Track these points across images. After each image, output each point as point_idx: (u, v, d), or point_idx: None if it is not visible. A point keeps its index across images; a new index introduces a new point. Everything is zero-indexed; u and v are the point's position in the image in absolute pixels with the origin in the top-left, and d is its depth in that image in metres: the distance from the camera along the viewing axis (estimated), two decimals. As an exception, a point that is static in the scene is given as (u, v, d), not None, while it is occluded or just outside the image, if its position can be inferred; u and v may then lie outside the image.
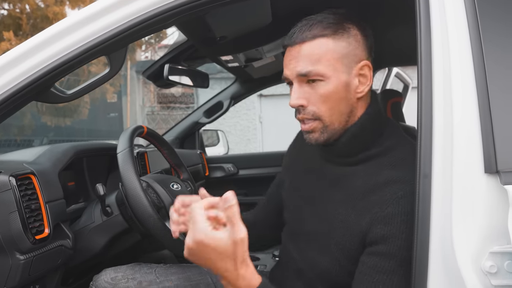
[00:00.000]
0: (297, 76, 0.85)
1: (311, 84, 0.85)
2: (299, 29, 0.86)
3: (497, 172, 0.63)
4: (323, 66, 0.84)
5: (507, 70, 0.67)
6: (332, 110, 0.86)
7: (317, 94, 0.85)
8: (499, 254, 0.63)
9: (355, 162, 0.90)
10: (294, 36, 0.86)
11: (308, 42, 0.84)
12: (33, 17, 6.99)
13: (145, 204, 1.01)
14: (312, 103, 0.86)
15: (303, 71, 0.83)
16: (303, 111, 0.87)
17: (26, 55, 0.90)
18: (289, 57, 0.86)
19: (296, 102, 0.86)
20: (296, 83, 0.86)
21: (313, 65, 0.83)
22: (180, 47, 1.62)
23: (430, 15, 0.73)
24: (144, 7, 0.89)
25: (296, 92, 0.86)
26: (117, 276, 1.00)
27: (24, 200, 0.92)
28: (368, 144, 0.89)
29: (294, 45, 0.85)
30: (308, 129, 0.87)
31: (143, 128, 1.22)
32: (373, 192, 0.83)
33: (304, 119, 0.87)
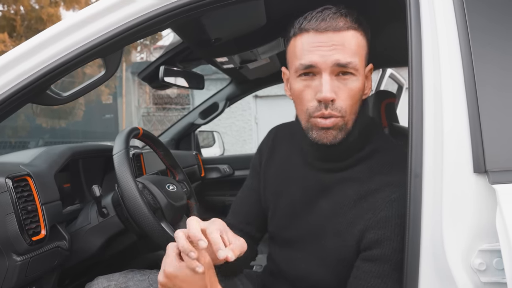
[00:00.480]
0: (332, 66, 0.78)
1: (342, 77, 0.80)
2: (328, 16, 0.78)
3: (485, 172, 0.65)
4: (358, 60, 0.80)
5: (496, 71, 0.69)
6: (352, 108, 0.82)
7: (347, 89, 0.80)
8: (488, 252, 0.64)
9: (344, 168, 0.88)
10: (324, 22, 0.78)
11: (343, 32, 0.78)
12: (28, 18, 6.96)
13: (141, 205, 1.02)
14: (340, 98, 0.80)
15: (343, 61, 0.77)
16: (331, 106, 0.79)
17: (22, 58, 0.91)
18: (316, 44, 0.78)
19: (331, 95, 0.78)
20: (327, 74, 0.78)
21: (352, 57, 0.78)
22: (175, 49, 1.63)
23: (420, 17, 0.74)
24: (139, 9, 0.90)
25: (329, 84, 0.78)
26: (110, 285, 0.98)
27: (21, 201, 0.92)
28: (359, 148, 0.88)
29: (326, 32, 0.78)
30: (330, 125, 0.80)
31: (139, 130, 1.23)
32: (365, 199, 0.83)
33: (330, 115, 0.80)
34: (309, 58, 0.79)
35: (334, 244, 0.85)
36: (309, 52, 0.79)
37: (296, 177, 0.96)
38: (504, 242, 0.59)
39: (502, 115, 0.67)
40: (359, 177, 0.86)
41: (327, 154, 0.88)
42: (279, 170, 1.01)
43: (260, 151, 1.09)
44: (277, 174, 1.01)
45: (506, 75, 0.68)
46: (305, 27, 0.80)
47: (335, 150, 0.86)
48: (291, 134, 1.04)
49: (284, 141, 1.05)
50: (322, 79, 0.78)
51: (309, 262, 0.90)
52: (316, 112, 0.80)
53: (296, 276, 0.94)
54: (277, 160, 1.03)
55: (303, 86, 0.82)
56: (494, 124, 0.66)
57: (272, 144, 1.06)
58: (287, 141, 1.04)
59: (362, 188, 0.85)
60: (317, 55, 0.78)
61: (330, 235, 0.86)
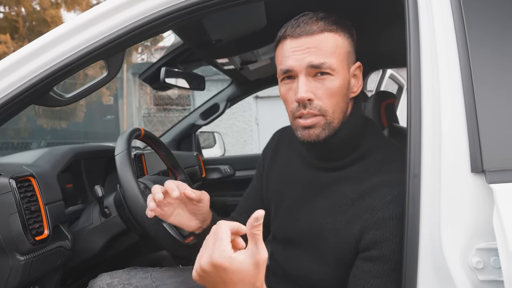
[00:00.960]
0: (306, 68, 0.82)
1: (319, 77, 0.83)
2: (303, 22, 0.83)
3: (483, 172, 0.66)
4: (334, 60, 0.83)
5: (493, 72, 0.70)
6: (336, 106, 0.84)
7: (325, 89, 0.83)
8: (486, 250, 0.65)
9: (341, 167, 0.90)
10: (298, 28, 0.83)
11: (317, 35, 0.82)
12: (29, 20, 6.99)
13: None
14: (319, 97, 0.83)
15: (316, 63, 0.81)
16: (309, 106, 0.83)
17: (25, 60, 0.92)
18: (292, 49, 0.83)
19: (307, 95, 0.82)
20: (304, 76, 0.83)
21: (325, 58, 0.81)
22: (176, 50, 1.64)
23: (418, 19, 0.75)
24: (141, 12, 0.91)
25: (304, 85, 0.82)
26: (113, 281, 1.00)
27: (24, 202, 0.93)
28: (354, 147, 0.90)
29: (299, 37, 0.83)
30: (310, 124, 0.84)
31: (141, 131, 1.24)
32: (362, 198, 0.84)
33: (309, 115, 0.84)
34: (287, 63, 0.84)
35: (333, 242, 0.86)
36: (287, 58, 0.84)
37: (297, 177, 0.98)
38: (501, 241, 0.60)
39: (499, 115, 0.68)
40: (356, 176, 0.88)
41: (319, 152, 0.91)
42: (281, 171, 1.03)
43: (264, 153, 1.12)
44: (279, 175, 1.03)
45: (503, 76, 0.69)
46: (284, 35, 0.86)
47: (325, 148, 0.89)
48: (292, 136, 1.06)
49: (286, 143, 1.07)
50: (299, 81, 0.83)
51: (310, 261, 0.91)
52: (296, 112, 0.85)
53: (298, 275, 0.95)
54: (280, 161, 1.05)
55: (286, 89, 0.87)
56: (491, 124, 0.67)
57: (276, 147, 1.09)
58: (289, 143, 1.06)
59: (359, 188, 0.86)
60: (293, 59, 0.83)
61: (329, 233, 0.87)
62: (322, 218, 0.89)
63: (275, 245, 1.05)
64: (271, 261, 1.10)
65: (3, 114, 0.94)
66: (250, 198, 1.13)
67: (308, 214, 0.93)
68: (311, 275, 0.91)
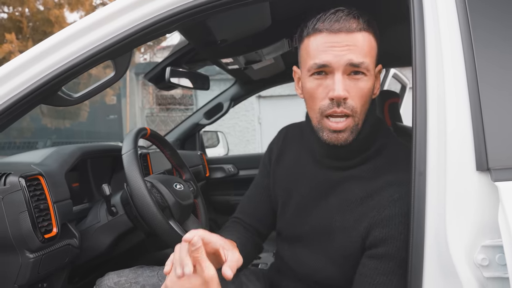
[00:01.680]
0: (345, 65, 0.80)
1: (354, 77, 0.82)
2: (342, 18, 0.81)
3: (488, 170, 0.67)
4: (370, 60, 0.82)
5: (497, 71, 0.70)
6: (363, 107, 0.84)
7: (358, 89, 0.82)
8: (491, 247, 0.66)
9: (352, 166, 0.90)
10: (338, 23, 0.80)
11: (356, 33, 0.81)
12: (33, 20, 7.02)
13: (150, 203, 1.04)
14: (352, 97, 0.82)
15: (356, 61, 0.80)
16: (343, 105, 0.82)
17: (34, 60, 0.93)
18: (330, 44, 0.81)
19: (344, 94, 0.80)
20: (340, 73, 0.81)
21: (364, 57, 0.81)
22: (181, 50, 1.65)
23: (424, 19, 0.76)
24: (148, 13, 0.92)
25: (341, 83, 0.80)
26: (120, 280, 1.01)
27: (33, 200, 0.95)
28: (366, 146, 0.90)
29: (339, 32, 0.80)
30: (342, 128, 0.83)
31: (147, 130, 1.25)
32: (371, 197, 0.85)
33: (342, 113, 0.82)
34: (323, 57, 0.81)
35: (341, 240, 0.87)
36: (323, 52, 0.81)
37: (306, 175, 0.98)
38: (506, 238, 0.61)
39: (504, 113, 0.68)
40: (366, 175, 0.89)
41: (336, 153, 0.90)
42: (289, 168, 1.03)
43: (270, 149, 1.12)
44: (287, 172, 1.03)
45: (508, 75, 0.69)
46: (319, 28, 0.82)
47: (345, 150, 0.88)
48: (301, 133, 1.06)
49: (294, 140, 1.07)
50: (335, 78, 0.81)
51: (316, 258, 0.92)
52: (328, 110, 0.83)
53: (304, 272, 0.95)
54: (287, 158, 1.05)
55: (316, 85, 0.84)
56: (496, 122, 0.68)
57: (283, 143, 1.09)
58: (298, 141, 1.06)
59: (369, 186, 0.87)
60: (331, 54, 0.81)
61: (337, 231, 0.88)
62: (331, 216, 0.90)
63: (280, 242, 1.06)
64: (276, 259, 1.11)
65: (13, 113, 0.95)
66: (256, 197, 1.12)
67: (317, 211, 0.93)
68: (318, 272, 0.92)
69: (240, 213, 1.13)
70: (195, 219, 1.31)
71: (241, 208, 1.14)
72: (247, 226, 1.11)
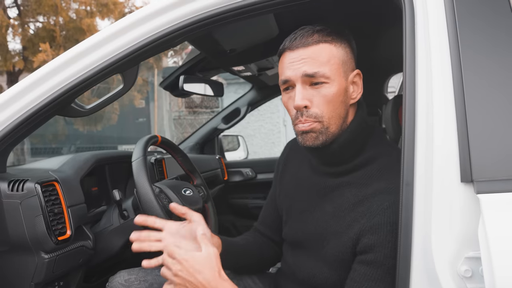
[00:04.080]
0: (302, 77, 0.87)
1: (315, 86, 0.87)
2: (300, 35, 0.89)
3: (472, 181, 0.67)
4: (328, 69, 0.87)
5: (484, 88, 0.71)
6: (333, 113, 0.88)
7: (321, 96, 0.87)
8: (474, 259, 0.66)
9: (345, 172, 0.93)
10: (295, 41, 0.88)
11: (312, 46, 0.87)
12: (66, 29, 7.36)
13: (156, 208, 1.09)
14: (315, 105, 0.88)
15: (310, 72, 0.86)
16: (306, 113, 0.88)
17: (50, 74, 1.00)
18: (290, 60, 0.89)
19: (302, 103, 0.86)
20: (300, 85, 0.87)
21: (319, 67, 0.86)
22: (195, 59, 1.71)
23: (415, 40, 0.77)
24: (153, 28, 0.97)
25: (300, 93, 0.87)
26: (130, 278, 1.07)
27: (48, 204, 1.02)
28: (356, 153, 0.92)
29: (297, 49, 0.88)
30: (307, 128, 0.88)
31: (157, 137, 1.31)
32: (362, 203, 0.87)
33: (306, 122, 0.88)
34: (286, 73, 0.90)
35: (335, 245, 0.89)
36: (286, 69, 0.90)
37: (305, 182, 1.02)
38: (484, 251, 0.61)
39: (488, 127, 0.68)
40: (358, 182, 0.91)
41: (322, 158, 0.95)
42: (292, 177, 1.08)
43: (278, 163, 1.18)
44: (290, 181, 1.08)
45: (494, 93, 0.70)
46: (283, 48, 0.92)
47: (327, 154, 0.92)
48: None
49: (298, 151, 1.12)
50: (296, 90, 0.88)
51: (314, 262, 0.95)
52: (296, 119, 0.90)
53: (303, 276, 0.98)
54: (291, 168, 1.10)
55: (287, 98, 0.93)
56: (480, 137, 0.68)
57: (288, 154, 1.15)
58: (301, 151, 1.11)
59: (360, 193, 0.89)
60: (290, 70, 0.89)
61: (331, 236, 0.91)
62: (326, 221, 0.93)
63: (285, 248, 1.10)
64: (281, 264, 1.14)
65: (32, 123, 1.03)
66: (268, 208, 1.19)
67: (313, 217, 0.97)
68: (315, 276, 0.95)
69: (258, 222, 1.22)
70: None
71: (260, 217, 1.23)
72: (263, 234, 1.19)
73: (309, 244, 0.97)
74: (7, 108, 0.99)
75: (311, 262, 0.96)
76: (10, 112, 0.99)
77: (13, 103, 1.00)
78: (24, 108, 1.00)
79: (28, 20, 7.75)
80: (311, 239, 0.96)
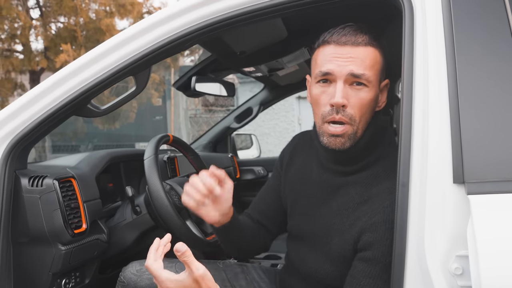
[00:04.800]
0: (347, 75, 0.86)
1: (355, 87, 0.88)
2: (348, 32, 0.88)
3: (463, 183, 0.69)
4: (372, 73, 0.88)
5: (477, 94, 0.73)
6: (362, 117, 0.89)
7: (358, 98, 0.88)
8: (464, 257, 0.68)
9: (353, 172, 0.95)
10: (344, 37, 0.87)
11: (361, 47, 0.87)
12: (86, 29, 7.55)
13: (167, 204, 1.15)
14: (351, 106, 0.87)
15: (357, 72, 0.86)
16: (342, 112, 0.87)
17: (67, 78, 1.06)
18: (335, 55, 0.87)
19: (343, 101, 0.86)
20: (341, 82, 0.87)
21: (365, 70, 0.87)
22: (206, 60, 1.75)
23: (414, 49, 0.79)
24: (165, 33, 1.02)
25: (342, 91, 0.86)
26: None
27: (65, 199, 1.09)
28: (368, 154, 0.94)
29: (345, 45, 0.87)
30: (340, 132, 0.88)
31: (169, 137, 1.36)
32: (365, 202, 0.90)
33: (341, 121, 0.88)
34: (328, 66, 0.88)
35: (338, 242, 0.92)
36: (328, 62, 0.88)
37: (312, 178, 1.04)
38: (472, 250, 0.63)
39: (480, 130, 0.71)
40: (365, 181, 0.93)
41: (337, 158, 0.96)
42: (298, 171, 1.10)
43: (282, 154, 1.19)
44: (296, 175, 1.10)
45: (487, 98, 0.72)
46: (327, 40, 0.90)
47: (344, 155, 0.94)
48: (310, 140, 1.12)
49: (305, 146, 1.14)
50: (337, 86, 0.88)
51: (316, 257, 0.98)
52: (328, 116, 0.89)
53: (306, 271, 1.02)
54: (297, 162, 1.12)
55: (320, 91, 0.91)
56: (473, 140, 0.70)
57: (294, 149, 1.15)
58: (308, 146, 1.12)
59: (366, 193, 0.91)
60: (334, 64, 0.88)
61: (335, 233, 0.93)
62: (331, 218, 0.95)
63: (289, 242, 1.12)
64: (286, 258, 1.18)
65: (51, 123, 1.09)
66: (267, 198, 1.18)
67: (319, 213, 0.99)
68: (317, 271, 0.98)
69: (251, 210, 1.21)
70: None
71: (252, 205, 1.22)
72: (255, 221, 1.18)
73: (314, 239, 1.00)
74: (28, 109, 1.06)
75: (314, 257, 0.99)
76: (31, 112, 1.06)
77: (33, 104, 1.06)
78: (44, 108, 1.06)
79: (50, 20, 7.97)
80: (316, 235, 0.99)
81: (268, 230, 1.19)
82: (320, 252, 0.98)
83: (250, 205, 1.23)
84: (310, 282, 1.02)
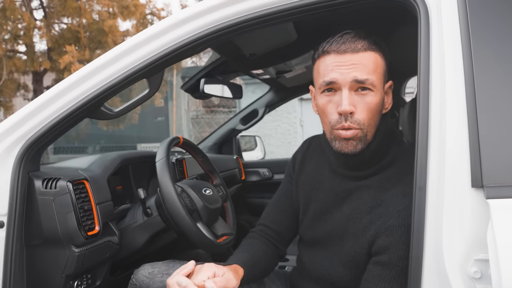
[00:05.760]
0: (351, 82, 0.87)
1: (360, 92, 0.89)
2: (347, 40, 0.89)
3: (482, 187, 0.70)
4: (376, 77, 0.89)
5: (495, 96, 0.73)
6: (371, 121, 0.90)
7: (365, 103, 0.88)
8: (483, 261, 0.69)
9: (365, 176, 0.95)
10: (343, 45, 0.88)
11: (361, 53, 0.88)
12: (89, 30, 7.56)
13: (179, 207, 1.15)
14: (359, 111, 0.88)
15: (361, 78, 0.87)
16: (350, 119, 0.88)
17: (81, 80, 1.07)
18: (337, 63, 0.88)
19: (350, 108, 0.87)
20: (346, 90, 0.88)
21: (368, 74, 0.87)
22: (215, 62, 1.76)
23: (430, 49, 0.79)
24: (178, 37, 1.03)
25: (348, 98, 0.87)
26: (154, 271, 1.13)
27: (79, 202, 1.09)
28: (381, 158, 0.95)
29: (345, 53, 0.88)
30: (350, 136, 0.89)
31: (179, 139, 1.37)
32: (379, 206, 0.90)
33: (350, 128, 0.88)
34: (331, 75, 0.89)
35: (351, 245, 0.93)
36: (331, 71, 0.89)
37: (324, 183, 1.05)
38: (493, 254, 0.64)
39: (499, 135, 0.71)
40: (377, 185, 0.94)
41: (349, 162, 0.97)
42: (310, 176, 1.10)
43: (294, 158, 1.19)
44: (308, 180, 1.10)
45: (505, 99, 0.72)
46: (327, 50, 0.91)
47: (356, 160, 0.94)
48: (321, 145, 1.13)
49: (316, 150, 1.14)
50: (342, 94, 0.88)
51: (329, 261, 0.99)
52: (337, 124, 0.90)
53: (319, 274, 1.02)
54: (309, 167, 1.12)
55: (326, 101, 0.92)
56: (491, 143, 0.71)
57: (306, 153, 1.16)
58: (319, 151, 1.13)
59: (379, 196, 0.92)
60: (337, 73, 0.88)
61: (348, 237, 0.94)
62: (344, 222, 0.96)
63: (301, 246, 1.13)
64: (297, 262, 1.18)
65: (65, 125, 1.10)
66: (281, 204, 1.18)
67: (332, 218, 1.00)
68: (330, 274, 0.98)
69: (266, 220, 1.20)
70: (224, 222, 1.41)
71: (267, 214, 1.21)
72: (271, 233, 1.18)
73: (327, 243, 1.00)
74: (41, 112, 1.07)
75: (327, 260, 1.00)
76: (45, 115, 1.06)
77: (47, 107, 1.07)
78: (57, 111, 1.07)
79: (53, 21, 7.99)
80: (329, 239, 0.99)
81: (283, 238, 1.18)
82: (333, 256, 0.98)
83: (264, 214, 1.22)
84: (322, 285, 1.03)
